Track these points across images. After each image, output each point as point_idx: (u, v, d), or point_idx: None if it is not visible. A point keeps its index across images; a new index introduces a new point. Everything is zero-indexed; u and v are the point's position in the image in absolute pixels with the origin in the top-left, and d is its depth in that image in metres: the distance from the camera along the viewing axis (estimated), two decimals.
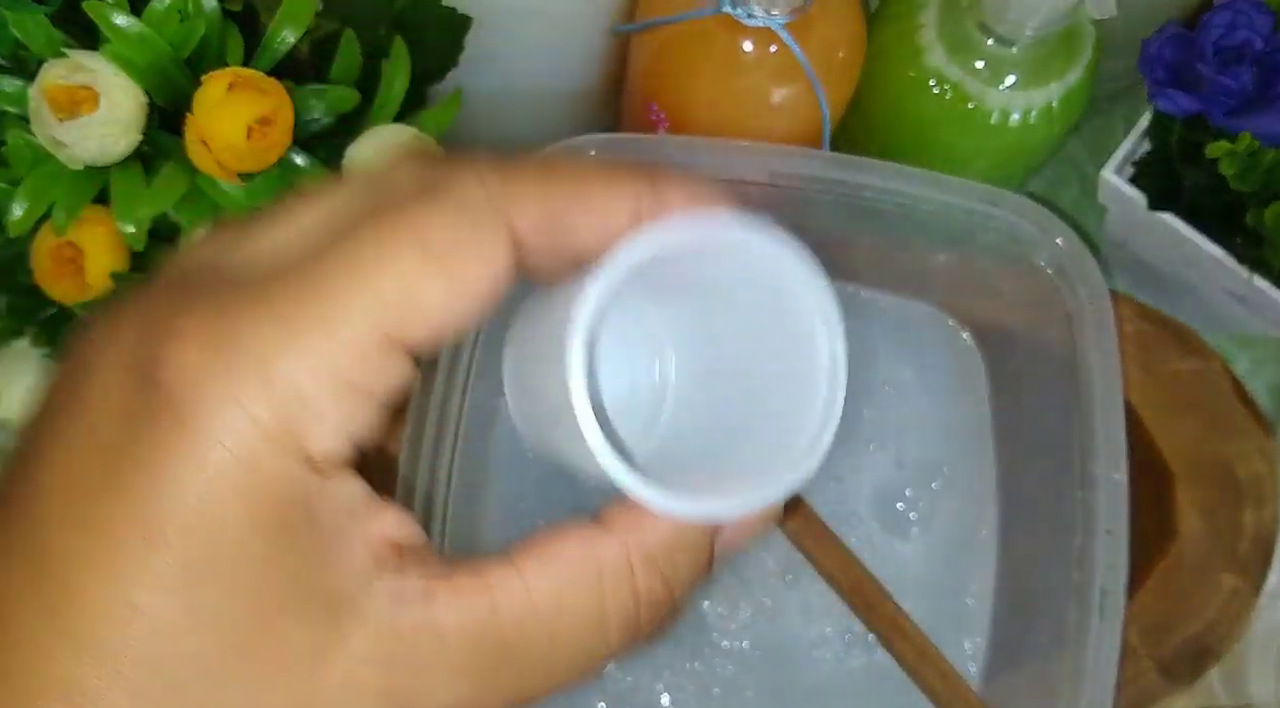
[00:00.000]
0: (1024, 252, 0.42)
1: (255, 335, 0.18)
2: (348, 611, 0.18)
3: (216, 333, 0.17)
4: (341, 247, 0.18)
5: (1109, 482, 0.39)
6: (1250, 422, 0.48)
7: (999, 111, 0.42)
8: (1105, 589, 0.37)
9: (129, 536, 0.17)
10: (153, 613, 0.17)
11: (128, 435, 0.17)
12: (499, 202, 0.19)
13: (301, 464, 0.18)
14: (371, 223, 0.19)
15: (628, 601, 0.20)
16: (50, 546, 0.17)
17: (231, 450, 0.17)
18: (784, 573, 0.45)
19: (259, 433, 0.17)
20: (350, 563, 0.18)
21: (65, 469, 0.18)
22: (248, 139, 0.36)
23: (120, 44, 0.36)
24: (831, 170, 0.41)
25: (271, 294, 0.18)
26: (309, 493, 0.18)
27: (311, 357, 0.18)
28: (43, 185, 0.37)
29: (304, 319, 0.18)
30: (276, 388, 0.17)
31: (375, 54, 0.39)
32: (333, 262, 0.18)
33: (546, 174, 0.20)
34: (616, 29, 0.43)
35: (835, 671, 0.44)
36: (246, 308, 0.18)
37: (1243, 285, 0.44)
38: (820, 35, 0.39)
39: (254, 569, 0.17)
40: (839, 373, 0.21)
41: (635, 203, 0.20)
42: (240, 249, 0.19)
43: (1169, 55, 0.42)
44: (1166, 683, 0.45)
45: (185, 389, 0.17)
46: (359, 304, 0.18)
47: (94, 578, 0.17)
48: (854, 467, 0.46)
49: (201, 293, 0.18)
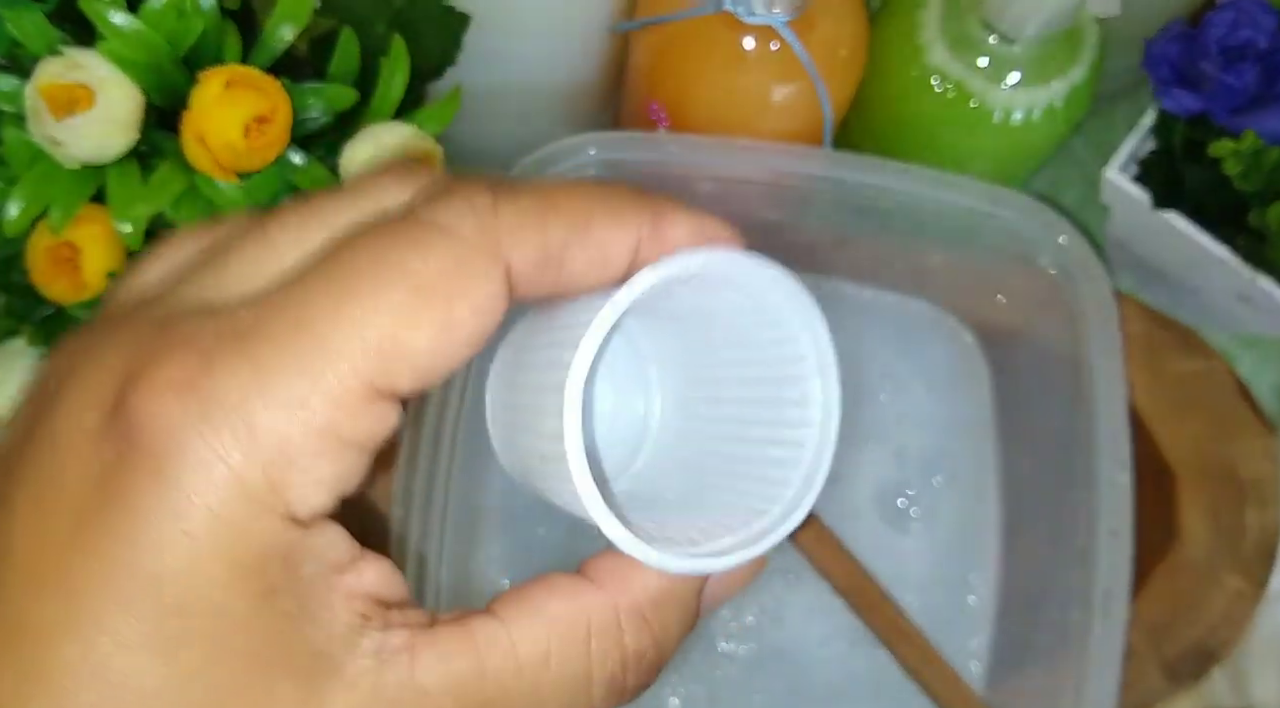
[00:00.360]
0: (1027, 251, 0.42)
1: (236, 384, 0.17)
2: (330, 671, 0.17)
3: (196, 381, 0.17)
4: (325, 285, 0.17)
5: (1112, 482, 0.38)
6: (1253, 422, 0.48)
7: (1001, 110, 0.42)
8: (1108, 590, 0.37)
9: (103, 599, 0.16)
10: (129, 679, 0.16)
11: (101, 490, 0.17)
12: (494, 236, 0.18)
13: (283, 520, 0.17)
14: (357, 258, 0.18)
15: (614, 660, 0.20)
16: (21, 610, 0.17)
17: (210, 507, 0.16)
18: (785, 574, 0.45)
19: (239, 488, 0.17)
20: (332, 620, 0.18)
21: (35, 525, 0.17)
22: (245, 137, 0.36)
23: (117, 42, 0.35)
24: (833, 169, 0.41)
25: (253, 338, 0.17)
26: (290, 548, 0.17)
27: (294, 407, 0.17)
28: (39, 184, 0.37)
29: (286, 366, 0.17)
30: (258, 440, 0.17)
31: (373, 52, 0.39)
32: (316, 303, 0.17)
33: (547, 205, 0.19)
34: (616, 27, 0.43)
35: (842, 670, 0.44)
36: (228, 353, 0.17)
37: (1246, 285, 0.44)
38: (822, 33, 0.39)
39: (233, 630, 0.17)
40: (830, 428, 0.21)
41: (636, 236, 0.19)
42: (218, 282, 0.18)
43: (1173, 54, 0.42)
44: (1169, 684, 0.45)
45: (162, 441, 0.16)
46: (344, 351, 0.17)
47: (68, 644, 0.16)
48: (856, 465, 0.46)
49: (180, 334, 0.17)
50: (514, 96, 0.46)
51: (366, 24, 0.40)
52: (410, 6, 0.40)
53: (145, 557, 0.16)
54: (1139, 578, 0.40)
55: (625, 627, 0.20)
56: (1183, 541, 0.46)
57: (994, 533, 0.46)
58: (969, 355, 0.48)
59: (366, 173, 0.20)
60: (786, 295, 0.20)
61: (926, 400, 0.47)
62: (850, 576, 0.43)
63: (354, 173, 0.39)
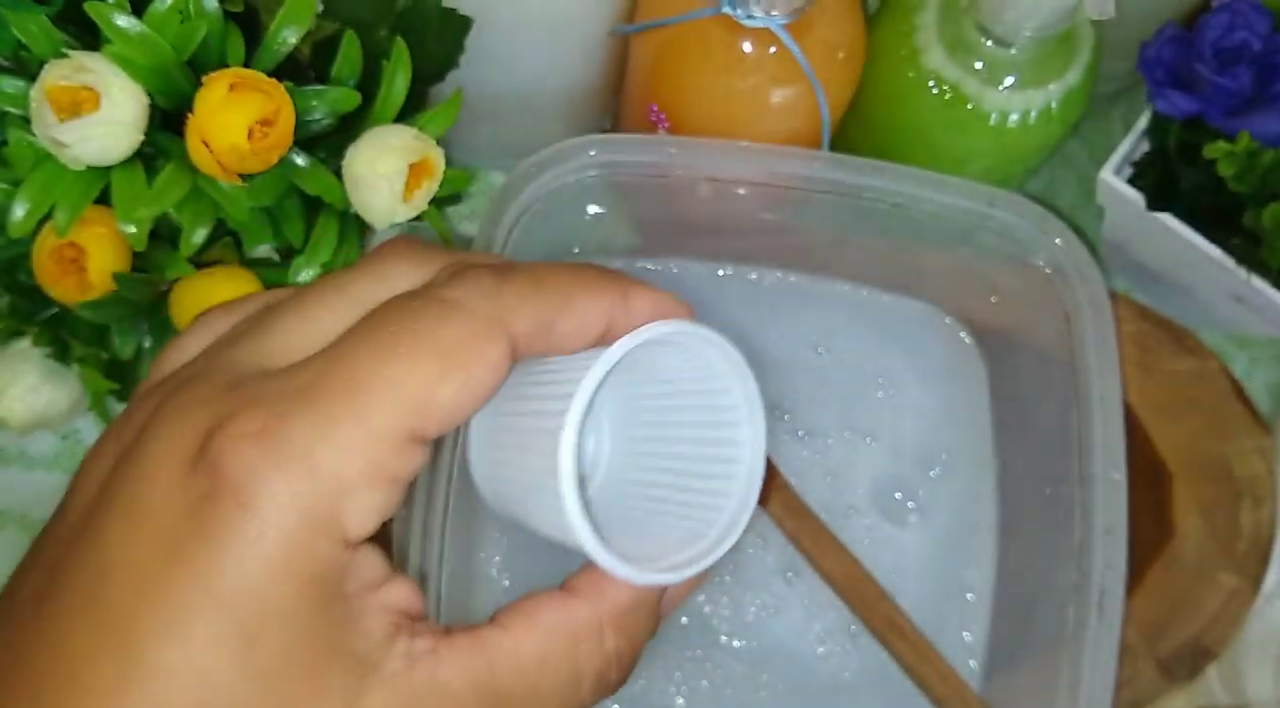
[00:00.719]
0: (1023, 252, 0.42)
1: (301, 432, 0.20)
2: (370, 669, 0.21)
3: (269, 430, 0.20)
4: (369, 350, 0.22)
5: (1107, 481, 0.39)
6: (1248, 421, 0.48)
7: (998, 112, 0.42)
8: (1104, 588, 0.38)
9: (196, 608, 0.20)
10: (215, 673, 0.20)
11: (193, 519, 0.20)
12: (500, 312, 0.22)
13: (339, 543, 0.21)
14: (392, 328, 0.22)
15: (599, 659, 0.24)
16: (122, 615, 0.20)
17: (283, 531, 0.20)
18: (784, 571, 0.45)
19: (306, 517, 0.20)
20: (371, 628, 0.21)
21: (132, 547, 0.20)
22: (249, 140, 0.36)
23: (122, 45, 0.36)
24: (831, 171, 0.41)
25: (312, 394, 0.21)
26: (342, 567, 0.21)
27: (349, 450, 0.21)
28: (44, 186, 0.37)
29: (342, 417, 0.21)
30: (321, 477, 0.20)
31: (376, 55, 0.39)
32: (363, 365, 0.21)
33: (538, 285, 0.23)
34: (616, 30, 0.44)
35: (844, 666, 0.44)
36: (295, 408, 0.21)
37: (1240, 286, 0.44)
38: (819, 36, 0.40)
39: (297, 633, 0.20)
40: (758, 464, 0.25)
41: (610, 308, 0.24)
42: (269, 349, 0.22)
43: (1168, 56, 0.43)
44: (1165, 682, 0.45)
45: (244, 480, 0.20)
46: (389, 403, 0.21)
47: (164, 645, 0.20)
48: (853, 462, 0.46)
49: (250, 393, 0.21)
50: (515, 99, 0.47)
51: (369, 27, 0.40)
52: (412, 10, 0.40)
53: (231, 572, 0.20)
54: (1134, 576, 0.41)
55: (606, 632, 0.24)
56: (1178, 539, 0.46)
57: (990, 531, 0.46)
58: (965, 355, 0.48)
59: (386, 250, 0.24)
60: (724, 356, 0.25)
61: (923, 400, 0.47)
62: (848, 574, 0.44)
63: (358, 174, 0.39)
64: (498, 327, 0.22)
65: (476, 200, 0.52)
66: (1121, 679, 0.38)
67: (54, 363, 0.42)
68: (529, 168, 0.40)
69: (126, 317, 0.40)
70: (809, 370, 0.47)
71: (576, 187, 0.41)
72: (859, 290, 0.48)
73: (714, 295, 0.48)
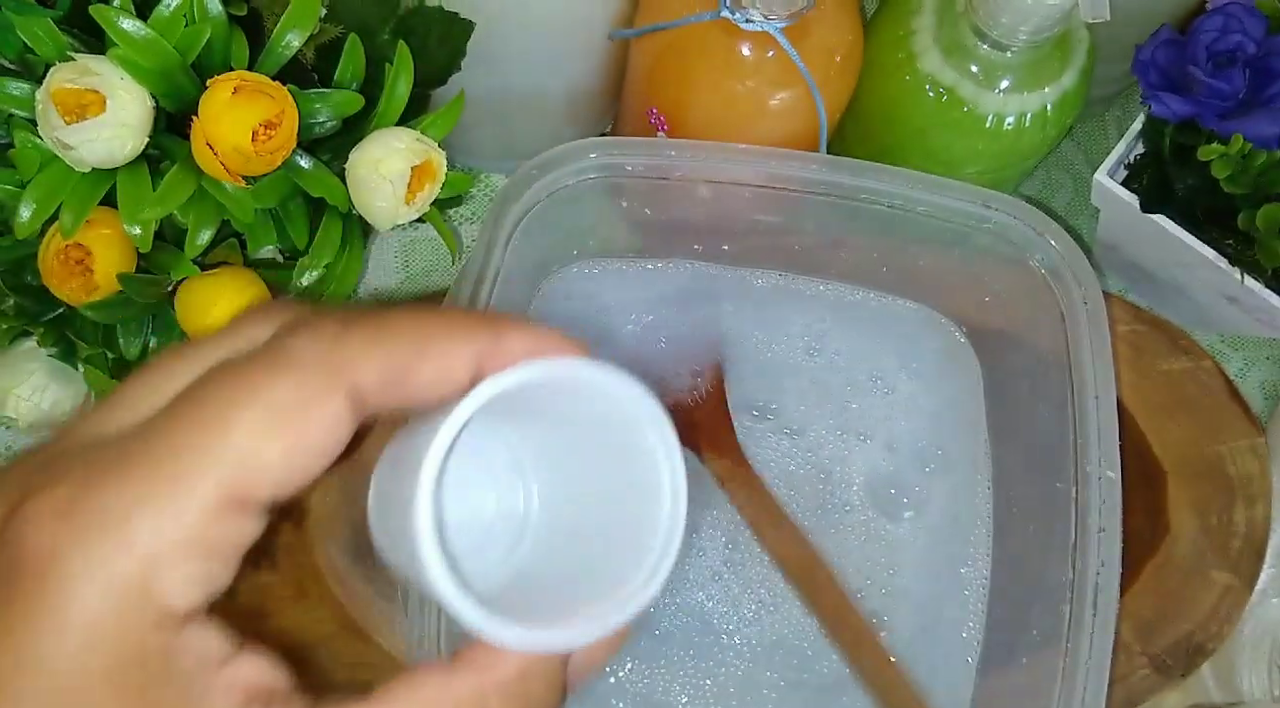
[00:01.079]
0: (1018, 253, 0.42)
1: (115, 501, 0.19)
2: None
3: (76, 505, 0.19)
4: (192, 411, 0.20)
5: (1102, 480, 0.39)
6: (1242, 421, 0.48)
7: (994, 115, 0.42)
8: (1099, 586, 0.38)
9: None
10: None
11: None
12: (336, 363, 0.20)
13: (158, 620, 0.19)
14: (220, 387, 0.20)
15: None
16: None
17: (90, 609, 0.18)
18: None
19: (116, 593, 0.19)
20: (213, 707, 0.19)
21: None
22: (253, 142, 0.36)
23: (127, 48, 0.36)
24: (828, 173, 0.42)
25: (128, 460, 0.19)
26: (167, 646, 0.19)
27: (164, 518, 0.19)
28: (50, 188, 0.37)
29: (158, 485, 0.19)
30: (133, 550, 0.19)
31: (379, 58, 0.40)
32: (183, 429, 0.20)
33: (383, 331, 0.21)
34: (615, 34, 0.44)
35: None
36: (109, 475, 0.19)
37: (1234, 287, 0.44)
38: (817, 40, 0.40)
39: None
40: (679, 509, 0.22)
41: (475, 351, 0.21)
42: (107, 419, 0.21)
43: (1162, 59, 0.43)
44: (1159, 679, 0.45)
45: (44, 559, 0.19)
46: (205, 467, 0.19)
47: None
48: (848, 461, 0.46)
49: (67, 466, 0.20)
50: (516, 103, 0.47)
51: (372, 31, 0.40)
52: (415, 14, 0.41)
53: (28, 660, 0.18)
54: (1128, 574, 0.41)
55: (493, 702, 0.21)
56: (1172, 537, 0.46)
57: (985, 529, 0.46)
58: (961, 356, 0.48)
59: (243, 313, 0.23)
60: (631, 398, 0.22)
61: (919, 400, 0.48)
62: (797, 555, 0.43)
63: (361, 176, 0.39)
64: (333, 378, 0.20)
65: (478, 202, 0.53)
66: (1116, 676, 0.38)
67: (60, 363, 0.42)
68: (530, 170, 0.41)
69: (132, 317, 0.40)
70: (805, 370, 0.47)
71: (577, 189, 0.41)
72: (856, 291, 0.49)
73: (712, 296, 0.48)
